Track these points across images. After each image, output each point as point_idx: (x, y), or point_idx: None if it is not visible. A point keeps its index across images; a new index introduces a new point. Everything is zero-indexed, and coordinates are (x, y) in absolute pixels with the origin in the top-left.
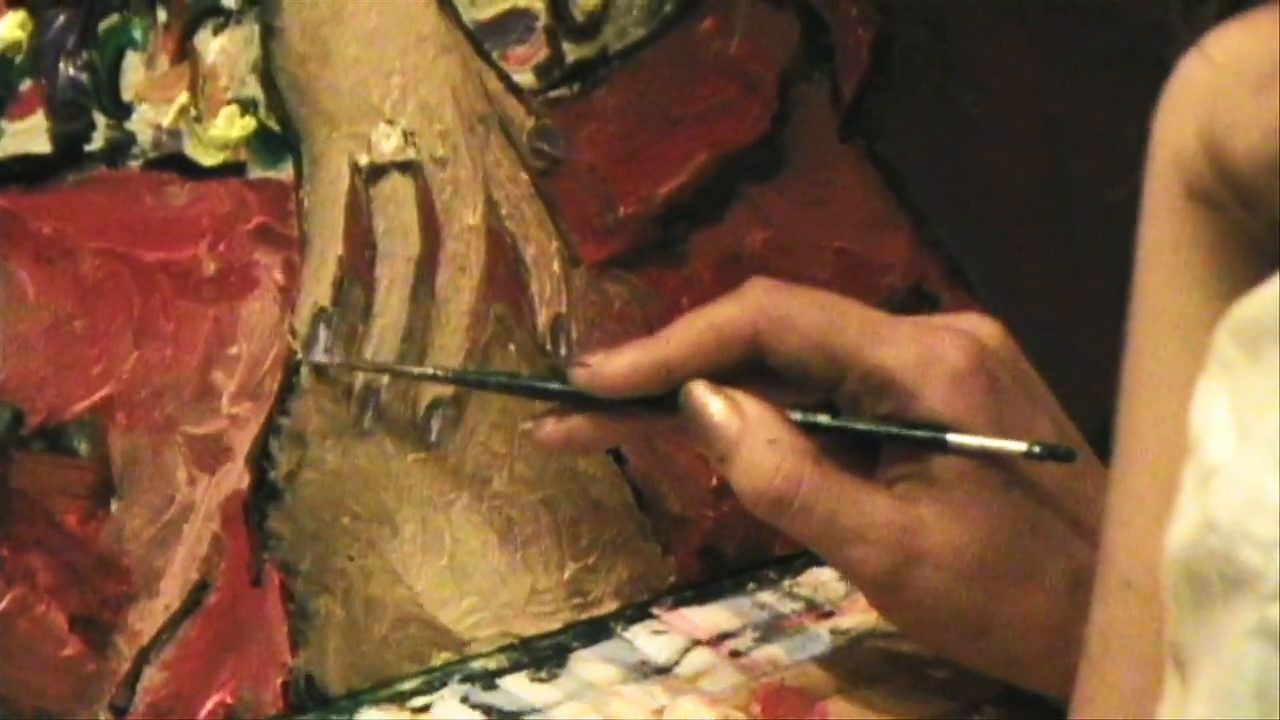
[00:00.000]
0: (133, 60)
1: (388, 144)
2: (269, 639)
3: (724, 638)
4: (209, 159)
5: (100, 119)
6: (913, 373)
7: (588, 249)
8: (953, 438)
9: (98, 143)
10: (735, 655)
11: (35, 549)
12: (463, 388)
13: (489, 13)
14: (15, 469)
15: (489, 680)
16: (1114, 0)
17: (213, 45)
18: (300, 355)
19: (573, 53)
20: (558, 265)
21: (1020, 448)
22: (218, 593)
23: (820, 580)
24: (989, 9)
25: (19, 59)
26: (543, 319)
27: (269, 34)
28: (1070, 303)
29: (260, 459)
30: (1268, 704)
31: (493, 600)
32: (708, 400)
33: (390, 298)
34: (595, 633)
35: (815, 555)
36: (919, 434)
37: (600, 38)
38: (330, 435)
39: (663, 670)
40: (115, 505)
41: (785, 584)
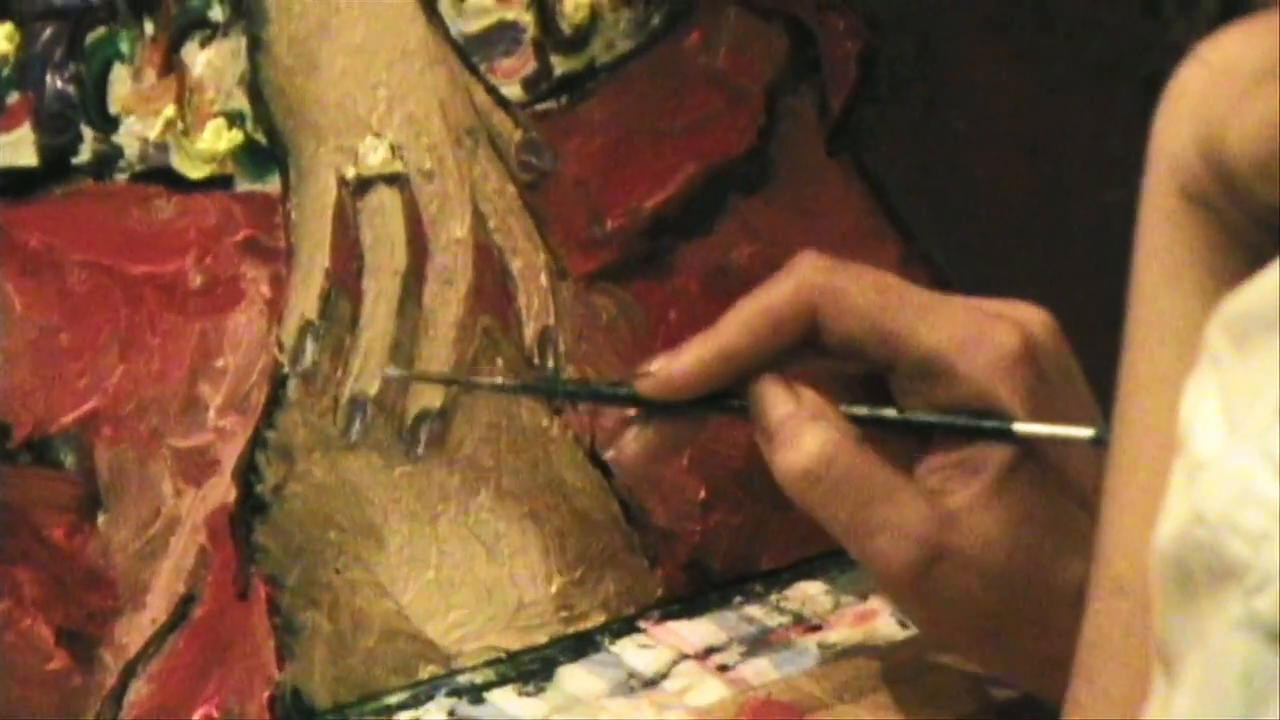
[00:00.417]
0: (120, 73)
1: (375, 157)
2: (255, 652)
3: (711, 651)
4: (196, 172)
5: (87, 131)
6: (964, 356)
7: (575, 261)
8: (1019, 426)
9: (85, 155)
10: (722, 669)
11: (21, 562)
12: (460, 392)
13: (476, 26)
14: (1, 482)
15: (476, 694)
16: (1099, 15)
17: (200, 58)
18: (287, 368)
19: (560, 65)
20: (545, 278)
21: (1087, 434)
22: (204, 606)
23: (808, 594)
24: (976, 23)
25: (6, 71)
26: (530, 332)
27: (256, 47)
28: (1056, 315)
29: (247, 472)
30: (1253, 696)
31: (480, 614)
32: (774, 395)
33: (377, 310)
34: (582, 646)
35: (802, 570)
36: (986, 424)
37: (588, 50)
38: (317, 448)
39: (650, 684)
40: (102, 518)
41: (772, 598)
